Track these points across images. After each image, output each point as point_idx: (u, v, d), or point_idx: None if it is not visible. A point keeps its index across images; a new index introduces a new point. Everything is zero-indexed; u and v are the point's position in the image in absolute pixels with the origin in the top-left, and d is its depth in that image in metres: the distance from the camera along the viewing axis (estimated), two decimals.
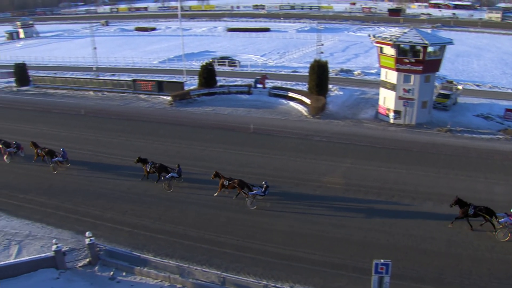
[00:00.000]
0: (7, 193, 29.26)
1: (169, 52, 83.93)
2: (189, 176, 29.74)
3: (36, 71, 71.14)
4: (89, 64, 75.53)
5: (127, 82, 55.24)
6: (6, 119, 46.18)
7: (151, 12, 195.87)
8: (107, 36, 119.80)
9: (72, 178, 30.90)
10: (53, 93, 57.88)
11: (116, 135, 39.18)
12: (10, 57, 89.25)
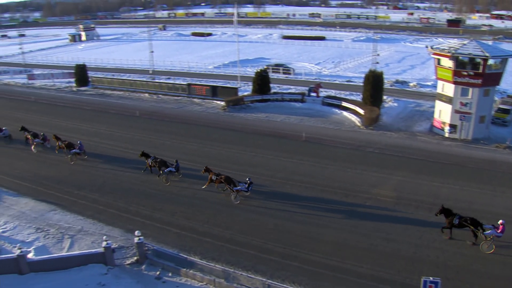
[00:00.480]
0: (63, 188, 30.56)
1: (224, 58, 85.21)
2: None
3: (95, 72, 74.16)
4: (146, 67, 77.89)
5: (182, 86, 56.50)
6: (66, 118, 48.45)
7: (207, 17, 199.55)
8: (164, 40, 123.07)
9: (125, 177, 31.86)
10: (110, 94, 60.20)
11: (169, 137, 40.11)
12: (71, 58, 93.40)
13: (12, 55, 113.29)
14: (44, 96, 60.99)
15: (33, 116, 49.81)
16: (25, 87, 70.28)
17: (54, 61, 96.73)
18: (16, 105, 56.23)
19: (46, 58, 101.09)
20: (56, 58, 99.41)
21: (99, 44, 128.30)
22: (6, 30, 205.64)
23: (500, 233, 22.30)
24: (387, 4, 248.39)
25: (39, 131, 39.77)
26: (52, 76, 74.29)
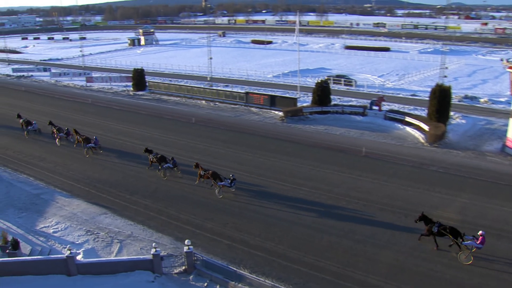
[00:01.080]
0: (116, 192, 31.59)
1: (284, 67, 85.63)
2: (296, 195, 29.95)
3: (152, 77, 76.63)
4: (204, 73, 79.56)
5: (240, 94, 57.14)
6: (121, 121, 50.24)
7: (268, 25, 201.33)
8: (223, 47, 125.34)
9: (177, 184, 32.52)
10: (167, 100, 61.89)
11: (224, 146, 40.64)
12: (130, 62, 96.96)
13: (73, 58, 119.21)
14: (101, 99, 63.65)
15: (89, 118, 52.10)
16: (83, 89, 73.77)
17: (113, 65, 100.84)
18: (74, 107, 59.02)
19: (105, 61, 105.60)
20: (114, 61, 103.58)
21: (158, 49, 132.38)
22: (68, 33, 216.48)
23: (480, 245, 22.59)
24: (459, 13, 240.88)
25: (64, 126, 44.59)
26: (110, 79, 77.43)
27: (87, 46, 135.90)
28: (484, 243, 22.72)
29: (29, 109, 58.32)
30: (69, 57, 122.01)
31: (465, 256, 22.74)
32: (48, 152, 40.80)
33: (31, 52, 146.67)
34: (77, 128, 43.81)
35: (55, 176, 35.06)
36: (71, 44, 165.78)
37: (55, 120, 48.26)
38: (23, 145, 43.25)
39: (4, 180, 34.58)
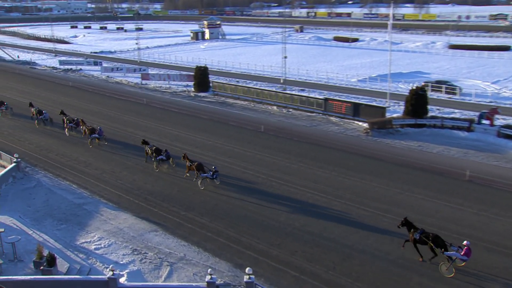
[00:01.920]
0: (169, 207, 32.54)
1: (371, 69, 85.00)
2: (378, 224, 29.66)
3: (217, 76, 78.43)
4: (276, 74, 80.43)
5: (318, 101, 57.28)
6: (180, 126, 51.89)
7: (354, 19, 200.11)
8: (300, 44, 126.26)
9: (240, 202, 33.00)
10: (232, 103, 63.09)
11: (296, 160, 40.86)
12: (192, 59, 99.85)
13: (127, 51, 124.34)
14: (157, 100, 65.96)
15: (143, 121, 54.19)
16: (137, 87, 76.74)
17: (172, 61, 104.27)
18: (126, 107, 61.55)
19: (163, 57, 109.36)
20: (174, 57, 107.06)
21: (224, 44, 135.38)
22: (123, 22, 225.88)
23: (464, 256, 24.09)
24: None
25: (75, 117, 51.35)
26: (168, 77, 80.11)
27: (144, 38, 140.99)
28: (470, 255, 24.17)
29: (75, 107, 61.54)
30: (123, 50, 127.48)
31: (446, 267, 24.22)
32: (95, 157, 42.81)
33: (81, 42, 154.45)
34: (131, 131, 46.28)
35: (101, 184, 36.69)
36: (125, 35, 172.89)
37: (106, 120, 50.75)
38: (67, 148, 45.72)
39: (44, 187, 36.60)
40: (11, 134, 51.10)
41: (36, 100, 63.46)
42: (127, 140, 47.30)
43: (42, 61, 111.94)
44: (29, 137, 49.56)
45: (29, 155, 43.95)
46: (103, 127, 48.23)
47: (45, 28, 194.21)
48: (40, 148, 45.93)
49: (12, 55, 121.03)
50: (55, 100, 66.49)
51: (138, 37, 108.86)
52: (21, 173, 38.68)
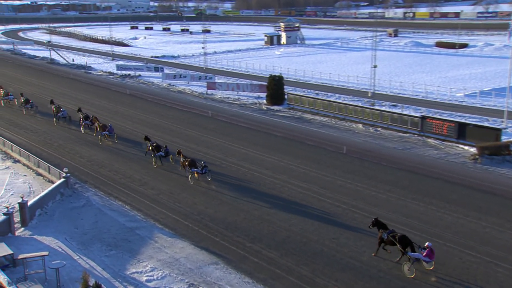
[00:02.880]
0: (233, 236, 32.68)
1: (483, 82, 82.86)
2: (492, 277, 28.09)
3: (293, 88, 78.78)
4: (363, 87, 79.85)
5: (413, 119, 56.16)
6: (250, 144, 52.24)
7: (464, 20, 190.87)
8: (393, 51, 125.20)
9: (316, 235, 32.59)
10: (310, 119, 62.98)
11: (383, 188, 40.15)
12: (265, 67, 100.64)
13: (192, 56, 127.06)
14: (224, 112, 66.82)
15: (206, 136, 55.13)
16: (202, 97, 78.07)
17: (242, 68, 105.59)
18: (189, 119, 62.73)
19: (233, 63, 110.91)
20: (245, 64, 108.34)
21: (303, 50, 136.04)
22: (188, 23, 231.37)
23: (426, 258, 27.76)
24: None
25: (90, 114, 58.83)
26: (237, 87, 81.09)
27: (211, 42, 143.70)
28: (433, 258, 27.77)
29: (132, 117, 63.37)
30: (187, 54, 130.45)
31: (407, 267, 27.76)
32: (151, 176, 43.77)
33: (141, 45, 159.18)
34: (194, 147, 48.36)
35: (157, 207, 37.41)
36: (191, 37, 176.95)
37: (166, 134, 52.02)
38: (121, 164, 47.06)
39: (94, 206, 37.72)
40: (62, 146, 53.13)
41: (89, 109, 65.95)
42: (189, 156, 48.08)
43: (98, 66, 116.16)
44: (81, 150, 51.33)
45: (79, 170, 45.48)
46: (161, 142, 49.30)
47: (103, 28, 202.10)
48: (92, 163, 47.48)
49: (67, 58, 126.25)
50: (110, 109, 68.69)
51: (204, 41, 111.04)
52: (70, 190, 39.98)
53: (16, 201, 35.93)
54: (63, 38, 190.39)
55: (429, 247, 27.57)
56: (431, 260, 27.76)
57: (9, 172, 45.36)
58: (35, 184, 42.15)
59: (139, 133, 54.54)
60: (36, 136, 56.83)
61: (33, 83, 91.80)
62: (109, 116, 62.40)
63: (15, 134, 57.68)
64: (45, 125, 61.39)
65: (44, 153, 50.11)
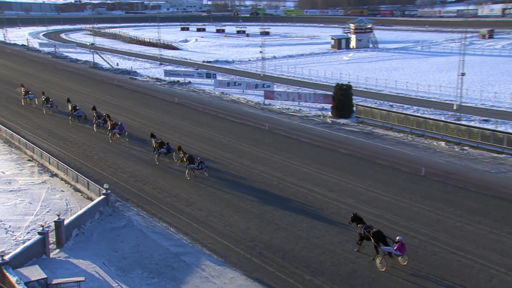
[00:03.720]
0: (290, 267, 32.60)
1: None
2: None
3: (363, 98, 78.47)
4: (447, 98, 78.80)
5: (510, 137, 54.78)
6: (312, 161, 52.12)
7: None
8: (487, 56, 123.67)
9: (386, 271, 32.06)
10: (382, 135, 62.12)
11: (472, 219, 38.92)
12: (331, 74, 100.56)
13: (248, 61, 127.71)
14: (283, 125, 66.90)
15: (264, 152, 55.16)
16: (258, 108, 78.29)
17: (305, 76, 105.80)
18: (243, 133, 63.13)
19: (294, 70, 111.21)
20: (308, 71, 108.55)
21: (376, 55, 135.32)
22: (245, 24, 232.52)
23: (397, 251, 31.88)
24: None
25: (103, 112, 66.34)
26: (298, 97, 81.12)
27: (270, 45, 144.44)
28: (404, 251, 31.84)
29: (180, 129, 64.41)
30: (243, 59, 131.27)
31: (379, 261, 31.98)
32: (200, 195, 44.15)
33: (192, 48, 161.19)
34: (248, 165, 49.01)
35: (206, 230, 37.65)
36: (248, 40, 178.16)
37: (217, 149, 52.59)
38: (167, 180, 47.66)
39: (135, 228, 38.20)
40: (103, 159, 54.23)
41: (133, 118, 67.49)
42: (242, 174, 48.49)
43: (144, 71, 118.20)
44: (123, 164, 52.28)
45: (121, 186, 46.34)
46: (212, 157, 50.33)
47: (150, 29, 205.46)
48: (134, 179, 48.25)
49: (111, 62, 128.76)
50: (156, 120, 69.72)
51: (263, 44, 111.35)
52: (110, 209, 40.62)
53: (52, 219, 36.73)
54: (108, 40, 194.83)
55: (400, 241, 31.73)
56: (402, 254, 31.92)
57: (46, 187, 46.49)
58: (73, 201, 43.09)
59: (188, 146, 54.95)
60: (75, 147, 58.14)
61: (74, 89, 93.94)
62: (155, 128, 63.24)
63: (53, 145, 59.17)
64: (85, 136, 62.70)
65: (83, 167, 51.25)
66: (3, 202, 43.00)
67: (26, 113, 75.42)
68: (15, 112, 76.57)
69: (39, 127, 67.06)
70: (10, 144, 60.19)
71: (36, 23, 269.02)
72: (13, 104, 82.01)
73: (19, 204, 42.48)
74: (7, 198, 43.85)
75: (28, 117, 72.69)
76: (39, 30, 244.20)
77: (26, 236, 36.42)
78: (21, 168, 52.13)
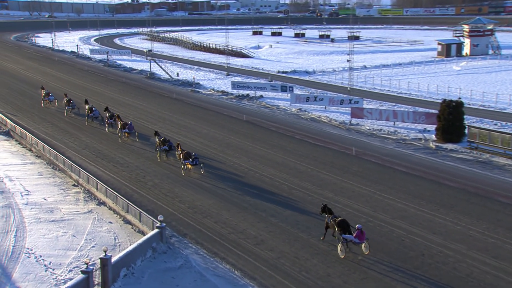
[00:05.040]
0: None
1: None
2: None
3: (478, 119, 76.98)
4: None
5: None
6: (410, 196, 51.07)
7: None
8: None
9: None
10: (504, 165, 59.66)
11: None
12: (436, 88, 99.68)
13: (333, 72, 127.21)
14: (374, 150, 65.70)
15: (350, 183, 54.41)
16: (344, 128, 77.22)
17: (403, 90, 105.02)
18: (325, 158, 62.49)
19: (389, 83, 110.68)
20: (407, 84, 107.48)
21: (497, 64, 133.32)
22: (331, 27, 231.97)
23: (356, 239, 38.74)
24: None
25: (114, 112, 78.11)
26: (394, 116, 79.20)
27: (360, 52, 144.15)
28: (362, 239, 38.76)
29: (248, 152, 64.70)
30: (326, 69, 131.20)
31: (340, 248, 39.39)
32: (271, 232, 44.11)
33: (265, 56, 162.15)
34: (330, 197, 48.38)
35: (277, 275, 37.57)
36: (332, 47, 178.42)
37: (294, 177, 52.28)
38: (233, 213, 47.67)
39: (194, 269, 38.55)
40: (158, 185, 54.91)
41: (194, 138, 69.00)
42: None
43: (208, 82, 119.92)
44: (182, 193, 52.69)
45: (178, 218, 46.82)
46: (286, 186, 49.92)
47: (217, 34, 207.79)
48: (194, 210, 48.61)
49: (170, 72, 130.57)
50: (221, 140, 70.30)
51: (351, 51, 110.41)
52: (165, 245, 41.03)
53: (97, 256, 37.26)
54: (167, 46, 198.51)
55: (359, 229, 38.92)
56: (360, 242, 39.07)
57: (92, 217, 47.54)
58: (122, 235, 43.84)
59: (258, 173, 55.24)
60: (127, 171, 59.18)
61: (127, 103, 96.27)
62: (220, 150, 63.98)
63: (102, 167, 60.40)
64: (138, 158, 63.58)
65: (135, 195, 52.14)
66: (44, 234, 44.04)
67: (73, 130, 77.00)
68: (61, 129, 78.48)
69: (87, 147, 68.50)
70: (54, 166, 61.57)
71: (88, 27, 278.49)
72: (59, 119, 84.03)
73: (61, 237, 43.48)
74: (48, 230, 44.91)
75: (75, 135, 74.25)
76: (90, 34, 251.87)
77: (67, 275, 37.13)
78: (65, 194, 53.39)
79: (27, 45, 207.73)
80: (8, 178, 57.39)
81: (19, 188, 54.49)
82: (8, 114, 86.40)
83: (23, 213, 48.33)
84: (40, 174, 59.29)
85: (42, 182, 56.56)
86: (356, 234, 38.69)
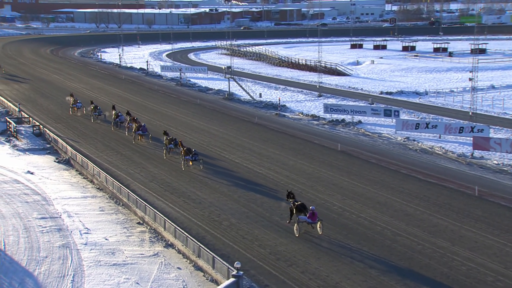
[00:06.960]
0: None
1: None
2: None
3: None
4: None
5: None
6: None
7: None
8: None
9: None
10: None
11: None
12: None
13: (450, 93, 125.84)
14: (503, 191, 63.51)
15: (475, 232, 52.38)
16: (464, 163, 74.48)
17: None
18: (439, 199, 61.23)
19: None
20: None
21: None
22: (448, 38, 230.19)
23: (309, 220, 51.92)
24: None
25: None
26: None
27: (487, 69, 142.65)
28: (314, 219, 51.52)
29: (344, 190, 64.22)
30: (442, 89, 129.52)
31: (295, 228, 52.10)
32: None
33: (366, 74, 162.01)
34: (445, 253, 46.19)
35: None
36: (450, 62, 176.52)
37: (398, 222, 51.84)
38: (323, 262, 47.27)
39: None
40: (234, 226, 54.95)
41: (279, 171, 69.55)
42: (440, 263, 46.24)
43: (296, 105, 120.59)
44: (262, 236, 52.58)
45: (257, 266, 46.72)
46: (390, 232, 49.85)
47: (308, 47, 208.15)
48: (277, 257, 48.41)
49: (251, 93, 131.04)
50: (309, 174, 70.32)
51: (475, 67, 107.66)
52: None
53: None
54: (249, 62, 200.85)
55: (312, 210, 51.80)
56: (313, 222, 51.73)
57: (158, 261, 48.14)
58: (192, 284, 44.25)
59: (355, 215, 55.00)
60: (199, 208, 59.36)
61: (201, 128, 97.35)
62: (309, 185, 63.99)
63: (171, 203, 61.02)
64: (213, 193, 63.66)
65: (208, 236, 52.33)
66: (104, 280, 44.84)
67: (140, 159, 78.26)
68: (126, 157, 79.72)
69: (154, 179, 69.50)
70: (117, 201, 62.91)
71: (160, 40, 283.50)
72: (124, 147, 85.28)
73: (123, 284, 44.22)
74: (108, 275, 45.68)
75: (141, 165, 75.37)
76: (162, 49, 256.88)
77: None
78: (128, 233, 54.37)
79: (93, 62, 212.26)
80: (66, 214, 58.81)
81: (78, 226, 55.77)
82: (69, 140, 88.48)
83: (82, 255, 49.33)
84: (102, 209, 60.65)
85: (104, 219, 57.74)
86: (308, 215, 51.77)
